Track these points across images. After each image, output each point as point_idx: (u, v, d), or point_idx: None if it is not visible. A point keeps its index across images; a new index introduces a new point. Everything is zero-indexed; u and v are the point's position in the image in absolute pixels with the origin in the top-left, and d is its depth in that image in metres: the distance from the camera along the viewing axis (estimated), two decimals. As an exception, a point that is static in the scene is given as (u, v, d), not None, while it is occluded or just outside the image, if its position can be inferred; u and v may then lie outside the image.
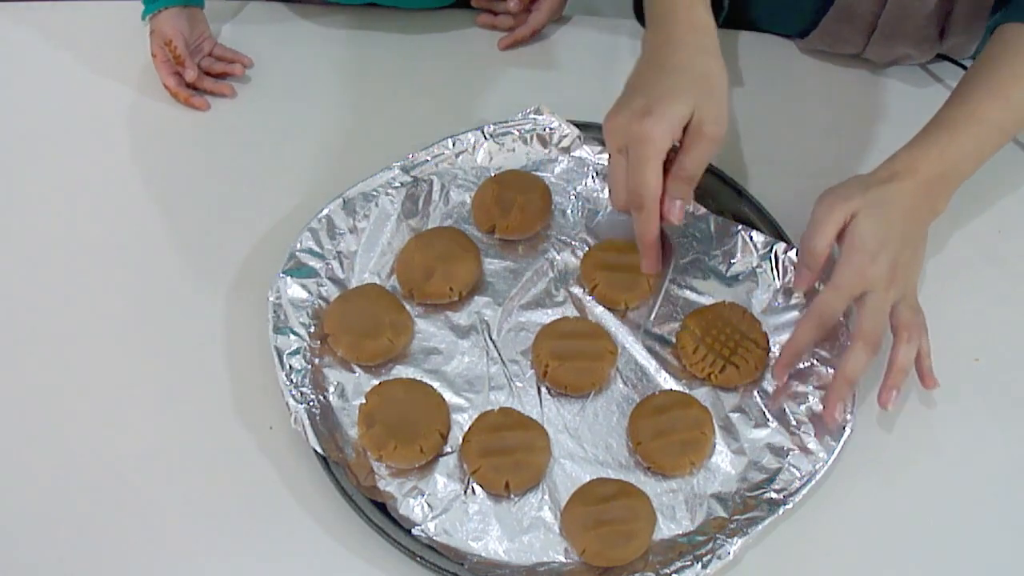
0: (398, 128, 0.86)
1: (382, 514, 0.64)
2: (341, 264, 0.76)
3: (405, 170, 0.80)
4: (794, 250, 0.75)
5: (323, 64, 0.93)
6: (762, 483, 0.66)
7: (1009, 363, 0.73)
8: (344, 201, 0.77)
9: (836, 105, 0.90)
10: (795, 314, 0.73)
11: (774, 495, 0.65)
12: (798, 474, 0.66)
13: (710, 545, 0.63)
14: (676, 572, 0.61)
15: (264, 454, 0.69)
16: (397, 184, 0.79)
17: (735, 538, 0.63)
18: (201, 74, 0.88)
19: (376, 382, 0.70)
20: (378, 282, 0.76)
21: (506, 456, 0.65)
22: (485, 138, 0.82)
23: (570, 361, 0.69)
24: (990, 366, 0.73)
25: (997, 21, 0.74)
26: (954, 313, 0.75)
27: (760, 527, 0.63)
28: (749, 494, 0.66)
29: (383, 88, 0.91)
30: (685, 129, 0.65)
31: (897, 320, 0.67)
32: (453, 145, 0.81)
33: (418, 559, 0.62)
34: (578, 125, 0.82)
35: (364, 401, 0.68)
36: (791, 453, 0.67)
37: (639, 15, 0.79)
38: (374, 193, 0.78)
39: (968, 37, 0.87)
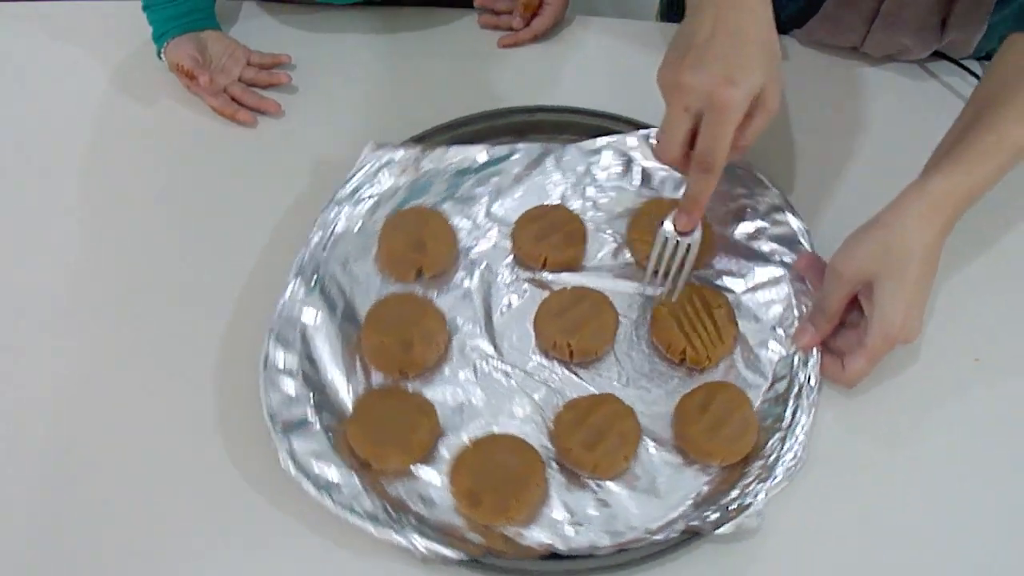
0: (396, 128, 0.84)
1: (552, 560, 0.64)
2: (319, 398, 0.69)
3: (301, 273, 0.73)
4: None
5: (318, 65, 0.92)
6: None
7: (1009, 363, 0.73)
8: (276, 335, 0.70)
9: (834, 100, 0.88)
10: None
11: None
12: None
13: (796, 388, 0.70)
14: (793, 418, 0.68)
15: (265, 455, 0.66)
16: (301, 295, 0.73)
17: (807, 369, 0.70)
18: (246, 89, 0.88)
19: (442, 469, 0.67)
20: (358, 381, 0.71)
21: (607, 439, 0.66)
22: (341, 205, 0.77)
23: (582, 329, 0.71)
24: (990, 366, 0.72)
25: (1011, 28, 0.72)
26: (954, 313, 0.75)
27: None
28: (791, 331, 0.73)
29: (382, 88, 0.90)
30: None
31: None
32: (317, 226, 0.76)
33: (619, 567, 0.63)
34: (415, 140, 0.81)
35: (453, 487, 0.65)
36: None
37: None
38: (295, 316, 0.72)
39: (967, 33, 0.85)
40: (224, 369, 0.72)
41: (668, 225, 0.70)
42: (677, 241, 0.70)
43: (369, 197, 0.79)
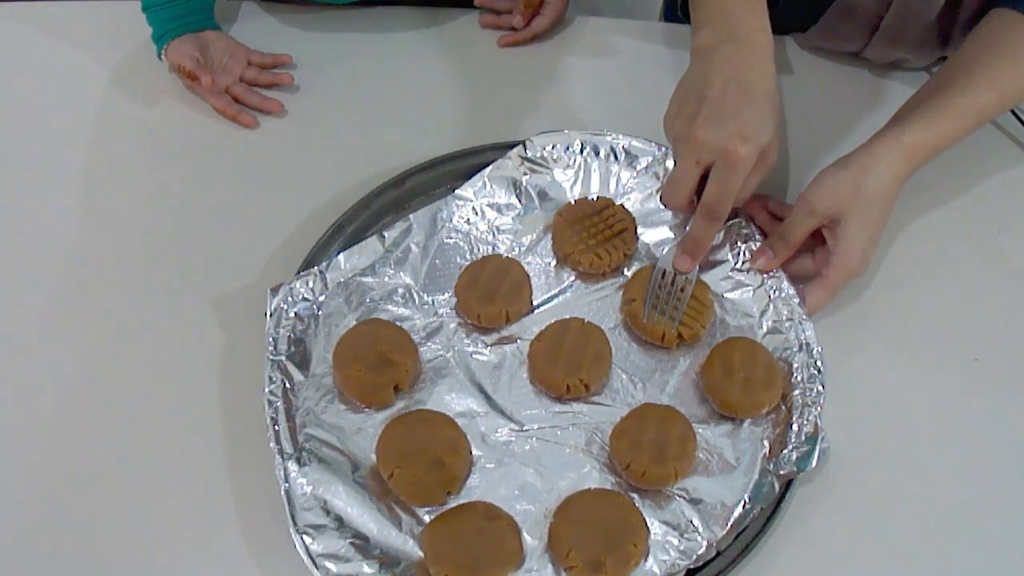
0: (397, 128, 0.87)
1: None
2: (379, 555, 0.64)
3: (282, 454, 0.66)
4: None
5: (318, 65, 0.92)
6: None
7: (1009, 363, 0.73)
8: (301, 530, 0.63)
9: (835, 104, 0.88)
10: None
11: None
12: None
13: (784, 311, 0.73)
14: (798, 337, 0.71)
15: (266, 457, 0.66)
16: (296, 472, 0.65)
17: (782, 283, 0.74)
18: (248, 89, 0.89)
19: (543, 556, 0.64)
20: (402, 521, 0.65)
21: (670, 444, 0.65)
22: (278, 360, 0.71)
23: (584, 359, 0.69)
24: (990, 366, 0.73)
25: (994, 4, 0.75)
26: (954, 313, 0.75)
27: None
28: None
29: (382, 88, 0.91)
30: None
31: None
32: (267, 401, 0.68)
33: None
34: (306, 265, 0.75)
35: (566, 566, 0.63)
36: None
37: (684, 10, 0.76)
38: (306, 494, 0.65)
39: None
40: (225, 368, 0.72)
41: (665, 264, 0.73)
42: (675, 275, 0.72)
43: (298, 342, 0.72)
